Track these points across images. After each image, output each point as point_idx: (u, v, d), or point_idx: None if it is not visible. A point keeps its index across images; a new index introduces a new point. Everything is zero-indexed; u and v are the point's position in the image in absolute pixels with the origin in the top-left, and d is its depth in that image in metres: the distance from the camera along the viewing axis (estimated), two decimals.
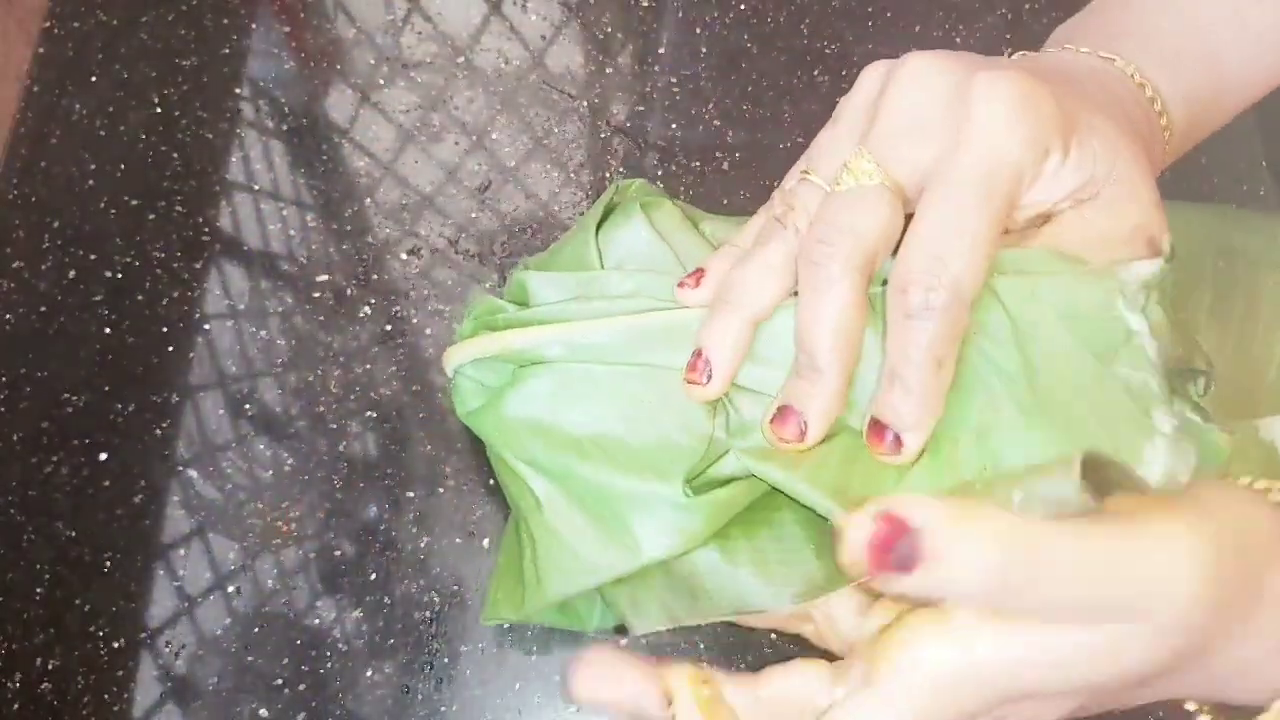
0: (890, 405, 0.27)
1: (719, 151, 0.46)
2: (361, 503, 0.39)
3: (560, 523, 0.31)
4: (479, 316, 0.34)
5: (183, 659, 0.37)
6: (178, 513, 0.39)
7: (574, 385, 0.31)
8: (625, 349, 0.31)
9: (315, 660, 0.37)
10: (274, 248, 0.44)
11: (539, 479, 0.32)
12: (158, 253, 0.43)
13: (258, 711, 0.36)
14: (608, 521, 0.30)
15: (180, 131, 0.46)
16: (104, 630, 0.37)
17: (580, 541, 0.31)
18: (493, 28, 0.49)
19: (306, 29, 0.49)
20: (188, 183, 0.45)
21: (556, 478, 0.31)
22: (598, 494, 0.31)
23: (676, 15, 0.50)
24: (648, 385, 0.31)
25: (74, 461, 0.39)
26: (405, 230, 0.44)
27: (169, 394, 0.41)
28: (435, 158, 0.46)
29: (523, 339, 0.32)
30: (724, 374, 0.29)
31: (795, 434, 0.28)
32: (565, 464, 0.31)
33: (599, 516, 0.30)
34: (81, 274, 0.43)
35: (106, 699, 0.36)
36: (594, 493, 0.31)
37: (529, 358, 0.32)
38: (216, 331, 0.42)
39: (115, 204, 0.44)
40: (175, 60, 0.47)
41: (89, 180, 0.45)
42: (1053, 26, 0.35)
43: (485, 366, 0.34)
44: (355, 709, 0.36)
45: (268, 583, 0.38)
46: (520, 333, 0.32)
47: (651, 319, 0.31)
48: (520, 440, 0.32)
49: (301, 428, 0.40)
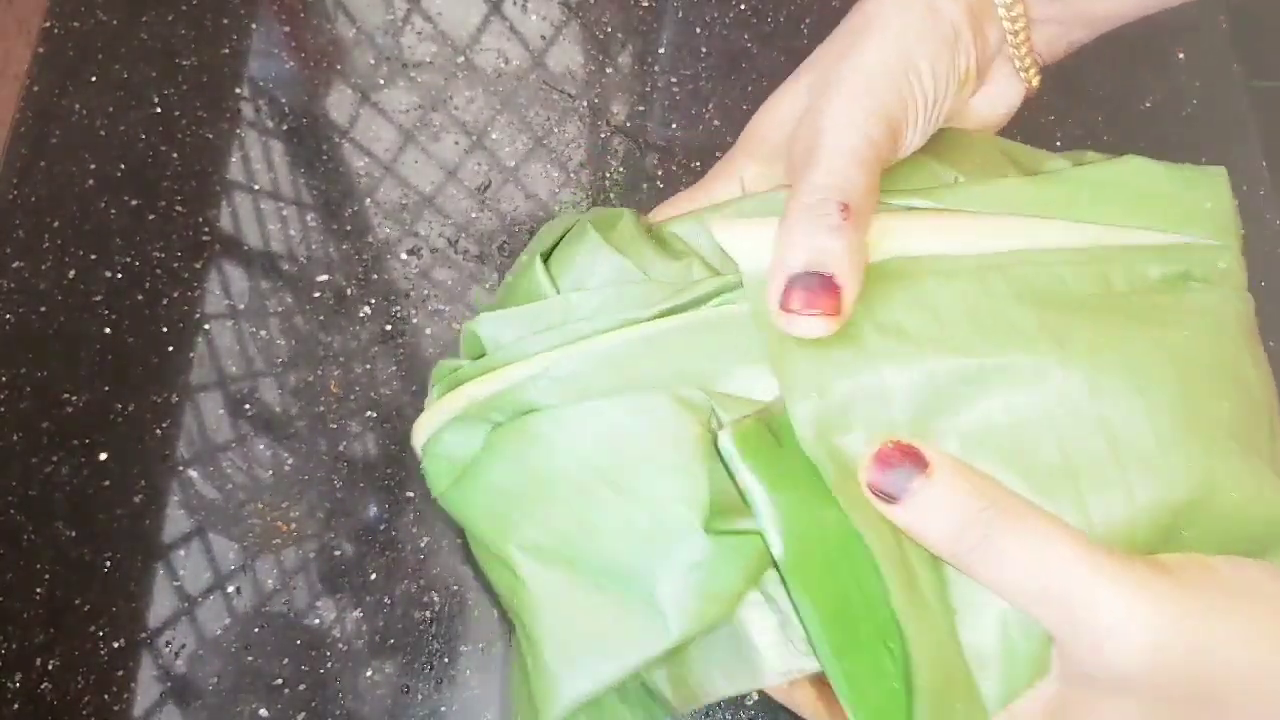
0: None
1: (719, 151, 0.46)
2: (361, 503, 0.39)
3: (561, 609, 0.26)
4: (441, 380, 0.31)
5: (183, 659, 0.37)
6: (178, 513, 0.39)
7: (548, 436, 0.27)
8: (602, 374, 0.27)
9: (315, 660, 0.37)
10: (274, 248, 0.44)
11: (528, 562, 0.27)
12: (158, 253, 0.43)
13: (258, 711, 0.36)
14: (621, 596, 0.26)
15: (180, 131, 0.46)
16: (104, 630, 0.37)
17: (591, 625, 0.26)
18: (493, 28, 0.49)
19: (306, 29, 0.49)
20: (188, 183, 0.45)
21: (548, 557, 0.27)
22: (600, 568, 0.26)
23: (676, 15, 0.50)
24: (635, 416, 0.27)
25: (74, 461, 0.39)
26: (405, 230, 0.44)
27: (169, 394, 0.41)
28: (435, 158, 0.46)
29: (485, 387, 0.28)
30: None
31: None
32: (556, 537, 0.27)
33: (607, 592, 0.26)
34: (81, 274, 0.43)
35: (106, 699, 0.36)
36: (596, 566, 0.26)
37: (499, 407, 0.28)
38: (216, 331, 0.42)
39: (115, 204, 0.44)
40: (175, 60, 0.47)
41: (89, 180, 0.45)
42: None
43: (457, 434, 0.30)
44: (355, 709, 0.36)
45: (268, 583, 0.38)
46: (480, 382, 0.29)
47: (625, 334, 0.27)
48: (498, 518, 0.28)
49: (301, 428, 0.40)
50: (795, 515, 0.25)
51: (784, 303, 0.25)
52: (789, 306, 0.25)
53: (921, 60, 0.28)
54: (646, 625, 0.25)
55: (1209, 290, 0.29)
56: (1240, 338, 0.29)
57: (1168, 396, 0.26)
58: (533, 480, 0.27)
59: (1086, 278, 0.28)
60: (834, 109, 0.27)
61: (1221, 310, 0.29)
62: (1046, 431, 0.26)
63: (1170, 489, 0.25)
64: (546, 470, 0.27)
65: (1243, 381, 0.28)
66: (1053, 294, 0.28)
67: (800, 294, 0.24)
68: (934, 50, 0.28)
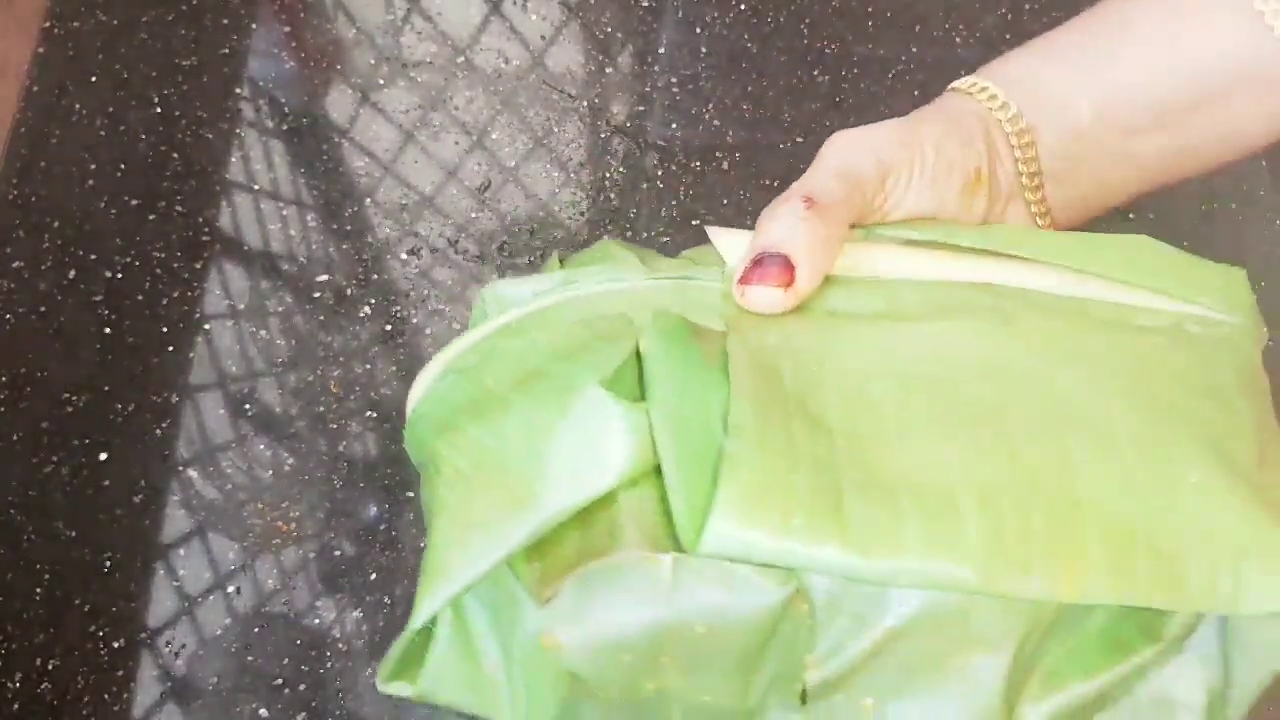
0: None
1: (719, 151, 0.46)
2: (361, 503, 0.39)
3: (459, 492, 0.26)
4: None
5: (183, 659, 0.37)
6: (178, 513, 0.39)
7: (503, 354, 0.28)
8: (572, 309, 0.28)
9: (315, 660, 0.37)
10: (274, 248, 0.44)
11: (452, 455, 0.26)
12: (158, 253, 0.43)
13: (258, 711, 0.36)
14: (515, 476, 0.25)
15: (180, 131, 0.46)
16: (104, 630, 0.37)
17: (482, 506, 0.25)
18: (493, 28, 0.49)
19: (306, 29, 0.49)
20: (188, 183, 0.45)
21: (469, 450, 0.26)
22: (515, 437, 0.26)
23: (676, 15, 0.50)
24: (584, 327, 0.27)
25: (74, 461, 0.39)
26: (405, 230, 0.44)
27: (169, 394, 0.41)
28: (435, 158, 0.46)
29: (476, 334, 0.29)
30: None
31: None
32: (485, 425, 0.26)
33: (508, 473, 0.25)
34: (81, 274, 0.43)
35: (106, 699, 0.36)
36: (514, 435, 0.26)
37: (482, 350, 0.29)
38: (216, 331, 0.42)
39: (115, 204, 0.44)
40: (175, 60, 0.47)
41: (89, 180, 0.45)
42: (1052, 26, 0.35)
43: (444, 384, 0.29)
44: (355, 709, 0.36)
45: (268, 583, 0.38)
46: (473, 331, 0.29)
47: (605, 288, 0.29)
48: (441, 424, 0.27)
49: (301, 428, 0.40)
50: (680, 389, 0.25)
51: (743, 278, 0.27)
52: (746, 280, 0.27)
53: (927, 136, 0.30)
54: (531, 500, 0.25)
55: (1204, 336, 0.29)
56: (1234, 377, 0.28)
57: (1120, 370, 0.26)
58: (481, 390, 0.27)
59: (1063, 304, 0.28)
60: (836, 141, 0.30)
61: (1212, 351, 0.28)
62: (981, 379, 0.26)
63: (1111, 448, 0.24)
64: (495, 378, 0.28)
65: (1224, 400, 0.27)
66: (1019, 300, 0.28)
67: (757, 269, 0.27)
68: (942, 131, 0.31)
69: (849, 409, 0.25)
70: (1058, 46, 0.33)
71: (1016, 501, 0.23)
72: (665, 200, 0.45)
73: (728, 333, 0.27)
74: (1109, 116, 0.31)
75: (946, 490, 0.23)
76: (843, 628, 0.26)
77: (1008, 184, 0.32)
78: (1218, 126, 0.32)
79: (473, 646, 0.28)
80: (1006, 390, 0.26)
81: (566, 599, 0.26)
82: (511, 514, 0.25)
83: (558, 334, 0.28)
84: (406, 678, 0.28)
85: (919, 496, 0.23)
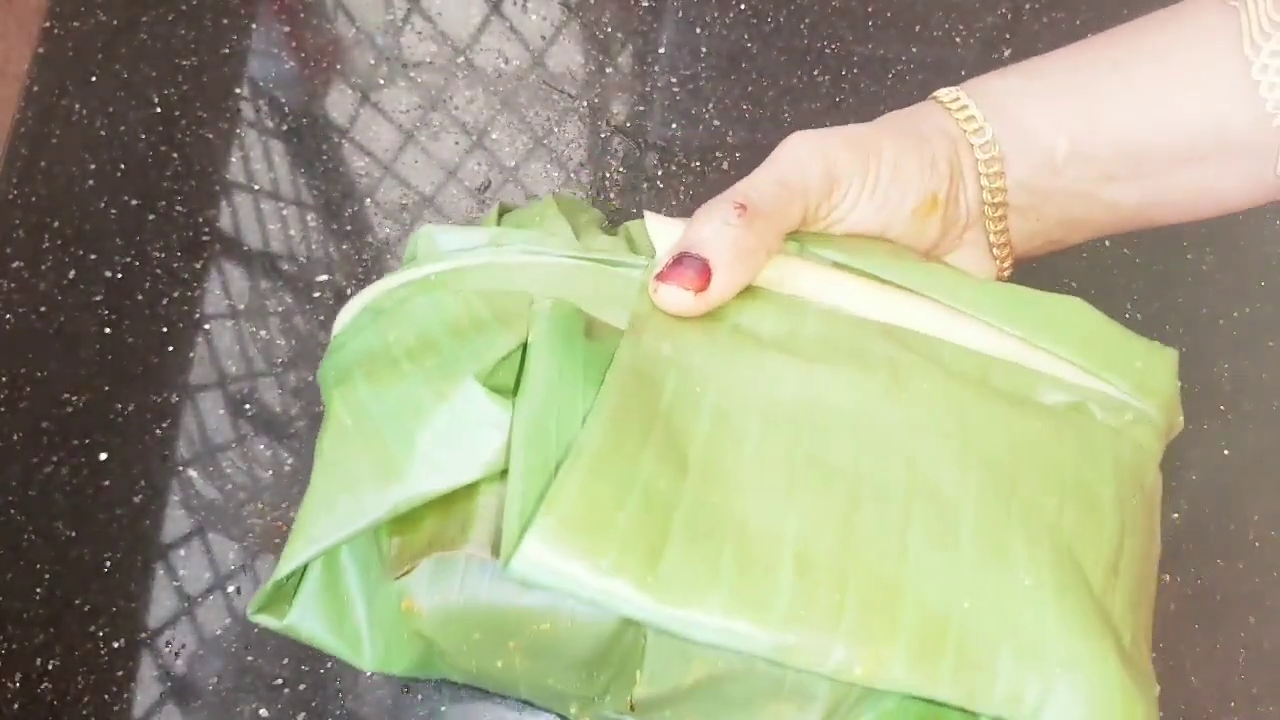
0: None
1: (719, 151, 0.46)
2: None
3: (335, 457, 0.26)
4: None
5: (183, 659, 0.37)
6: (178, 513, 0.39)
7: (411, 311, 0.28)
8: (484, 277, 0.28)
9: (315, 660, 0.37)
10: (274, 248, 0.44)
11: (341, 411, 0.27)
12: (158, 253, 0.43)
13: (258, 711, 0.36)
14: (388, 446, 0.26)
15: (180, 131, 0.46)
16: (104, 630, 0.37)
17: (351, 473, 0.26)
18: (493, 28, 0.49)
19: (306, 29, 0.49)
20: (188, 183, 0.45)
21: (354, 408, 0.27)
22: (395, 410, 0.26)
23: (676, 15, 0.50)
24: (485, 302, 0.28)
25: (74, 461, 0.39)
26: (405, 230, 0.44)
27: (169, 394, 0.41)
28: (435, 158, 0.46)
29: (396, 279, 0.29)
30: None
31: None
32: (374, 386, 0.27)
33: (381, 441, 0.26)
34: (81, 274, 0.43)
35: (106, 699, 0.36)
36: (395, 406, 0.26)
37: (400, 297, 0.29)
38: (216, 331, 0.42)
39: (115, 204, 0.44)
40: (175, 60, 0.47)
41: (89, 180, 0.45)
42: (1053, 26, 0.35)
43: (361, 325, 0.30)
44: (355, 709, 0.36)
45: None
46: (394, 275, 0.29)
47: (527, 258, 0.29)
48: (341, 373, 0.28)
49: (301, 428, 0.40)
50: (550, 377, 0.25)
51: (660, 274, 0.27)
52: (662, 278, 0.27)
53: (887, 147, 0.29)
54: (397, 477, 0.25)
55: (1100, 423, 0.28)
56: (1111, 474, 0.27)
57: (993, 452, 0.26)
58: (382, 344, 0.28)
59: (967, 363, 0.28)
60: (791, 142, 0.29)
61: (1101, 441, 0.27)
62: (847, 435, 0.25)
63: (951, 537, 0.24)
64: (397, 335, 0.28)
65: (1092, 502, 0.26)
66: (922, 353, 0.28)
67: (675, 269, 0.27)
68: (903, 147, 0.30)
69: (713, 442, 0.25)
70: (1045, 76, 0.31)
71: (837, 573, 0.23)
72: (665, 200, 0.45)
73: (625, 333, 0.27)
74: (1086, 158, 0.30)
75: (773, 549, 0.23)
76: (670, 657, 0.26)
77: (968, 211, 0.32)
78: (1197, 184, 0.31)
79: (340, 592, 0.29)
80: (867, 455, 0.25)
81: (428, 568, 0.27)
82: (378, 486, 0.26)
83: (463, 304, 0.28)
84: (275, 612, 0.29)
85: (743, 551, 0.23)
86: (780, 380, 0.26)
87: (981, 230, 0.32)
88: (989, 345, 0.28)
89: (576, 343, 0.26)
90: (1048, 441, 0.26)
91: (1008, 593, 0.24)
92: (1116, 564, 0.26)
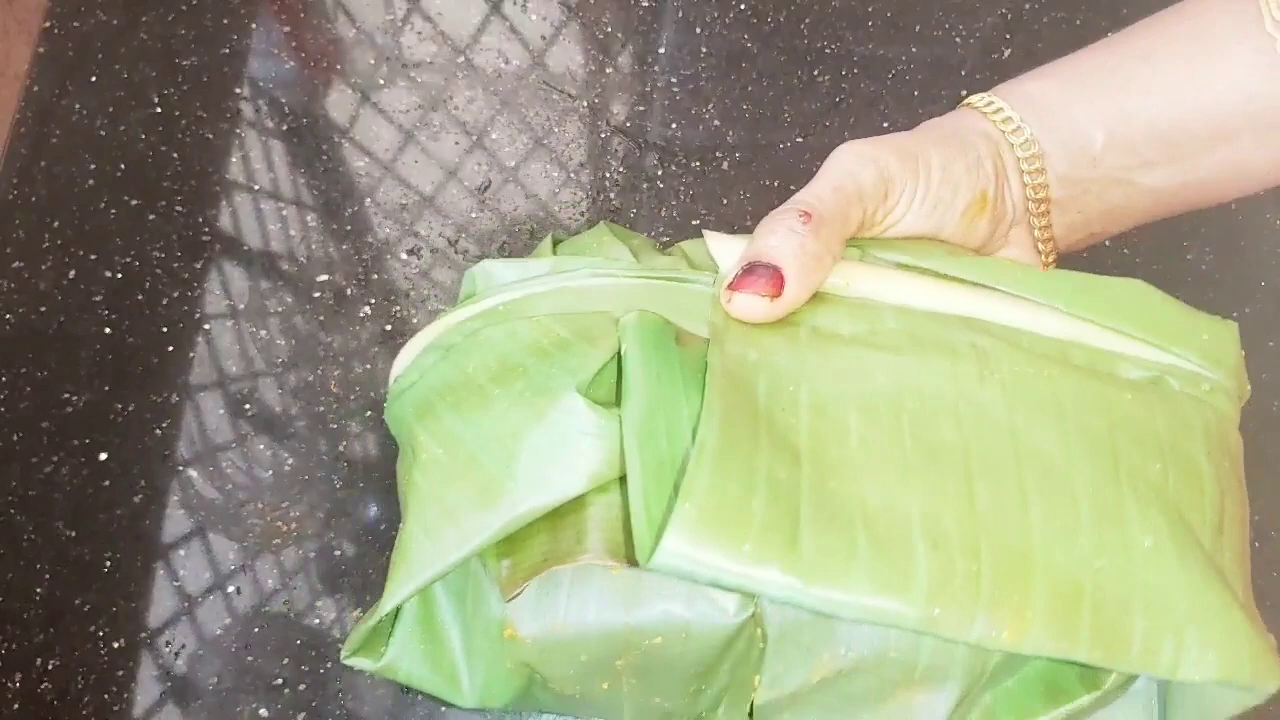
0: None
1: (719, 151, 0.46)
2: (361, 503, 0.39)
3: (434, 484, 0.26)
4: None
5: (183, 659, 0.37)
6: (178, 513, 0.39)
7: (486, 341, 0.28)
8: (558, 301, 0.29)
9: (315, 660, 0.37)
10: (274, 248, 0.44)
11: (430, 444, 0.27)
12: (158, 253, 0.43)
13: (258, 711, 0.36)
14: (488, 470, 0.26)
15: (180, 131, 0.46)
16: (104, 630, 0.37)
17: (454, 498, 0.26)
18: (493, 28, 0.49)
19: (306, 29, 0.49)
20: (188, 183, 0.45)
21: (446, 438, 0.27)
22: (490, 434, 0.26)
23: (676, 15, 0.50)
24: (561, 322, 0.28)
25: (74, 461, 0.39)
26: (405, 230, 0.44)
27: (169, 394, 0.41)
28: (435, 158, 0.46)
29: (459, 314, 0.29)
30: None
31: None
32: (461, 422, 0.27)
33: (481, 467, 0.26)
34: (81, 274, 0.43)
35: (106, 699, 0.36)
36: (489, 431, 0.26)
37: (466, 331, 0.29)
38: (216, 331, 0.42)
39: (115, 204, 0.44)
40: (175, 60, 0.47)
41: (89, 180, 0.45)
42: (1053, 26, 0.35)
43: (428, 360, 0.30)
44: (355, 709, 0.36)
45: (268, 583, 0.38)
46: (457, 311, 0.29)
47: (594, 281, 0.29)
48: (422, 407, 0.28)
49: (301, 428, 0.40)
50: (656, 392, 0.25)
51: (732, 285, 0.28)
52: (735, 287, 0.27)
53: (934, 154, 0.30)
54: (501, 499, 0.25)
55: (1182, 393, 0.28)
56: (1202, 440, 0.27)
57: (1090, 426, 0.26)
58: (462, 376, 0.28)
59: (1046, 346, 0.28)
60: (841, 152, 0.30)
61: (1187, 409, 0.28)
62: (948, 417, 0.26)
63: (1068, 503, 0.24)
64: (476, 365, 0.28)
65: (1189, 464, 0.27)
66: (1001, 338, 0.28)
67: (747, 278, 0.27)
68: (949, 153, 0.31)
69: (817, 434, 0.25)
70: (1076, 73, 0.32)
71: (968, 546, 0.23)
72: (665, 200, 0.45)
73: (710, 342, 0.27)
74: (1123, 148, 0.31)
75: (902, 527, 0.23)
76: (793, 656, 0.26)
77: (1014, 209, 0.32)
78: (1230, 163, 0.32)
79: (436, 628, 0.29)
80: (971, 435, 0.26)
81: (530, 595, 0.26)
82: (481, 510, 0.26)
83: (540, 328, 0.28)
84: (369, 654, 0.29)
85: (873, 531, 0.23)
86: (870, 372, 0.27)
87: (1026, 227, 0.33)
88: (1062, 330, 0.29)
89: (671, 349, 0.26)
90: (1139, 411, 0.27)
91: (1130, 554, 0.24)
92: (1220, 524, 0.26)
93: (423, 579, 0.26)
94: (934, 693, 0.26)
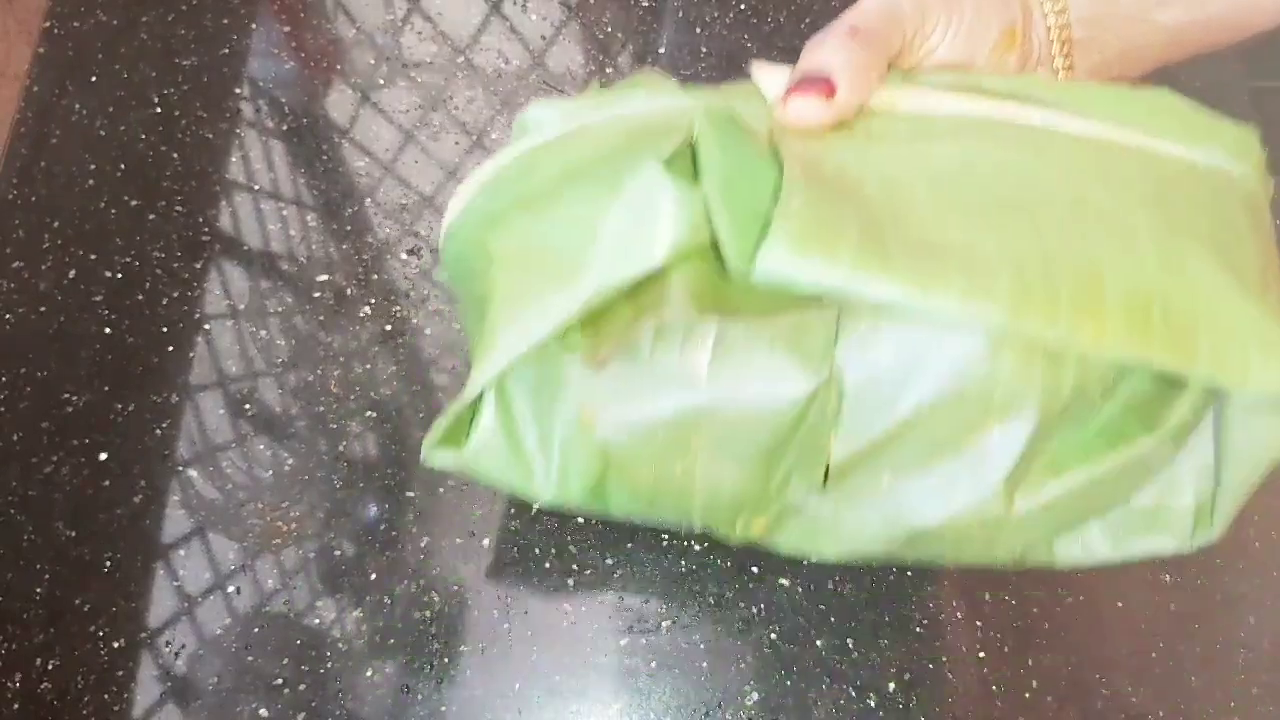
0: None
1: None
2: (361, 503, 0.39)
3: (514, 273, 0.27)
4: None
5: (183, 659, 0.37)
6: (178, 513, 0.39)
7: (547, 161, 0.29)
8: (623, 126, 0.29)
9: (315, 660, 0.37)
10: (274, 248, 0.44)
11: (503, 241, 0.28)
12: (158, 253, 0.43)
13: (258, 711, 0.36)
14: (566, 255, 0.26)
15: (180, 131, 0.46)
16: (104, 630, 0.37)
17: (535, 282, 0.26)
18: (493, 28, 0.49)
19: (306, 29, 0.49)
20: (188, 183, 0.45)
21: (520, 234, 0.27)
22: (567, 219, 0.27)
23: (676, 15, 0.50)
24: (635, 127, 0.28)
25: (74, 461, 0.39)
26: (405, 230, 0.44)
27: (169, 394, 0.41)
28: (435, 158, 0.46)
29: (512, 151, 0.29)
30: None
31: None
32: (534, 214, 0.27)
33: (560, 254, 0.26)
34: (81, 274, 0.43)
35: (106, 699, 0.36)
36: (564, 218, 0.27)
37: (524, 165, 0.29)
38: (216, 331, 0.42)
39: (115, 204, 0.44)
40: (175, 60, 0.47)
41: (89, 180, 0.45)
42: None
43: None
44: (355, 709, 0.36)
45: (268, 583, 0.38)
46: (509, 149, 0.30)
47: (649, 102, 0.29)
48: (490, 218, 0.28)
49: (301, 428, 0.40)
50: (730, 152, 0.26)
51: (788, 92, 0.28)
52: (790, 93, 0.28)
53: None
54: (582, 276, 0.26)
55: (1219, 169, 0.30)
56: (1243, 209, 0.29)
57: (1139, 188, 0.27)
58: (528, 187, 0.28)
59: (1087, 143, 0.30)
60: None
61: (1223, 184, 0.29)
62: (1011, 179, 0.27)
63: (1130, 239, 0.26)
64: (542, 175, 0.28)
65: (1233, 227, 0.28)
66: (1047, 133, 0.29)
67: (800, 85, 0.28)
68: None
69: (890, 197, 0.26)
70: None
71: (1044, 268, 0.25)
72: None
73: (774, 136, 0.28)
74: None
75: (981, 254, 0.25)
76: (872, 405, 0.27)
77: (1039, 48, 0.34)
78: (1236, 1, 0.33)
79: (514, 426, 0.29)
80: (1033, 190, 0.27)
81: (608, 377, 0.27)
82: (562, 289, 0.26)
83: (603, 140, 0.28)
84: (452, 443, 0.29)
85: (956, 256, 0.25)
86: (931, 155, 0.28)
87: (1049, 70, 0.34)
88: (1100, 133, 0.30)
89: (743, 132, 0.27)
90: (1184, 179, 0.28)
91: (1192, 281, 0.25)
92: (1265, 278, 0.27)
93: (507, 358, 0.26)
94: (1011, 421, 0.26)
